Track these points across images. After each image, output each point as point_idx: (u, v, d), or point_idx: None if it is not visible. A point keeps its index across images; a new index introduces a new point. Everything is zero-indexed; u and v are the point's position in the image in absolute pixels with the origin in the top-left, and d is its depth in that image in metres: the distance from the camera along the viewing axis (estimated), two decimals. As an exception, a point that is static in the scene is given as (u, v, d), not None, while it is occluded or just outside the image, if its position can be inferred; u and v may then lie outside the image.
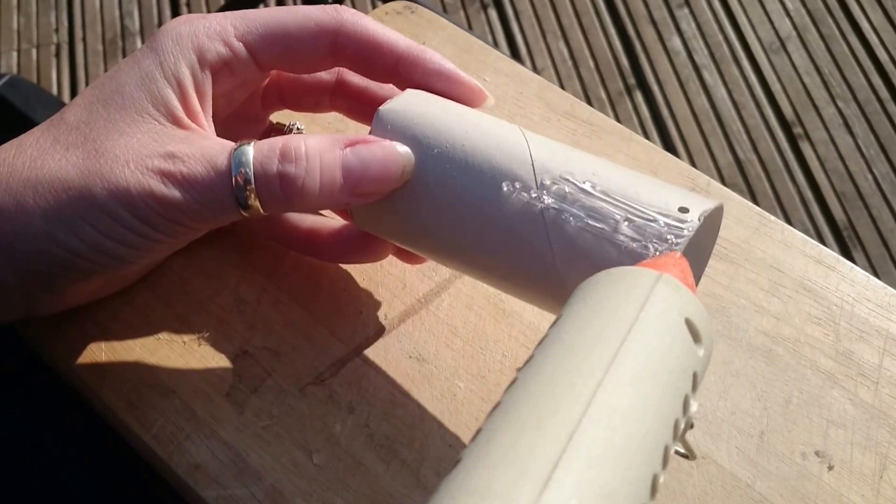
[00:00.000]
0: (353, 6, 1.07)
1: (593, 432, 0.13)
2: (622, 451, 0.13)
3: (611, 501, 0.12)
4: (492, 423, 0.13)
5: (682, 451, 0.19)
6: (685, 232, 0.19)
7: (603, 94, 0.99)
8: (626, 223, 0.19)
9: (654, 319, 0.15)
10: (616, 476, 0.13)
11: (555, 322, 0.16)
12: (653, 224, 0.19)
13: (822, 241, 0.89)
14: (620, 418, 0.13)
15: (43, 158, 0.21)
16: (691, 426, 0.17)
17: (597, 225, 0.19)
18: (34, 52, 1.06)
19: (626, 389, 0.14)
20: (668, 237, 0.19)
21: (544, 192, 0.20)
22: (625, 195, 0.20)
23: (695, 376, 0.16)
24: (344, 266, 0.27)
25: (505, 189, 0.20)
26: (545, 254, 0.20)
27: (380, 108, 0.22)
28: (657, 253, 0.19)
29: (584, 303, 0.16)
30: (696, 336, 0.16)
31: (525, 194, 0.20)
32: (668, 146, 0.95)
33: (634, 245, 0.19)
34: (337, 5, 0.23)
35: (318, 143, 0.21)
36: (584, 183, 0.20)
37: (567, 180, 0.20)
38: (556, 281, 0.20)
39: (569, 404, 0.13)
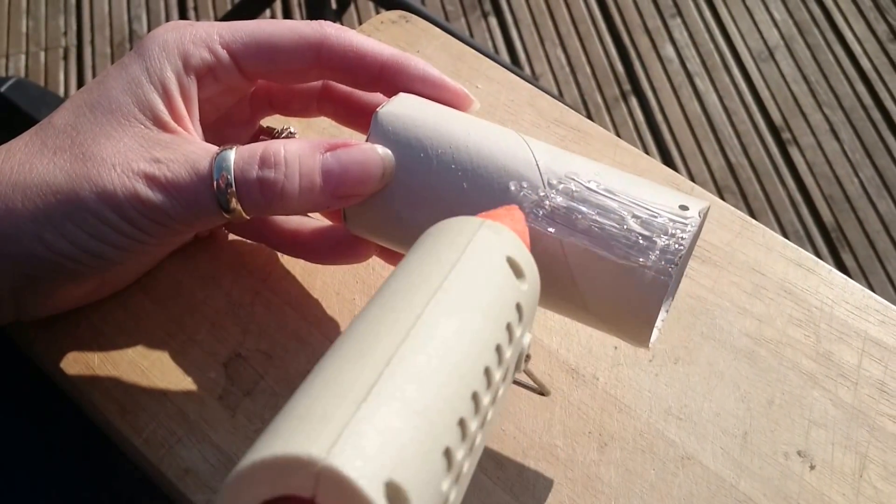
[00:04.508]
0: (357, 12, 1.08)
1: (410, 358, 0.14)
2: (438, 371, 0.14)
3: (427, 414, 0.13)
4: (321, 362, 0.14)
5: (532, 385, 0.19)
6: (689, 227, 0.20)
7: (599, 100, 1.00)
8: (633, 219, 0.20)
9: (474, 259, 0.17)
10: (432, 392, 0.14)
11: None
12: (658, 220, 0.20)
13: (811, 242, 0.90)
14: (437, 344, 0.14)
15: (31, 162, 0.21)
16: (528, 358, 0.18)
17: (605, 221, 0.20)
18: (42, 54, 1.06)
19: (444, 319, 0.15)
20: (674, 232, 0.20)
21: (552, 190, 0.20)
22: (627, 194, 0.20)
23: (519, 307, 0.17)
24: (337, 269, 0.28)
25: (513, 188, 0.21)
26: (556, 251, 0.20)
27: (377, 110, 0.22)
28: (666, 245, 0.20)
29: (415, 251, 0.17)
30: (517, 272, 0.17)
31: (533, 193, 0.21)
32: (663, 150, 0.96)
33: (643, 241, 0.20)
34: (322, 20, 0.23)
35: (297, 147, 0.21)
36: (589, 182, 0.21)
37: (573, 179, 0.21)
38: (567, 278, 0.21)
39: (388, 337, 0.14)
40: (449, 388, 0.14)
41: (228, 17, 1.03)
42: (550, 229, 0.20)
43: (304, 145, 0.21)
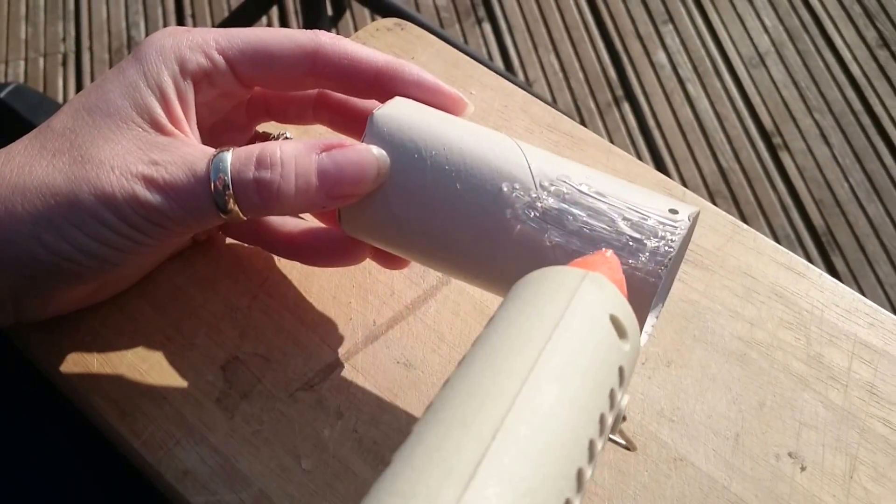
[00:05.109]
0: (353, 19, 1.08)
1: (516, 430, 0.13)
2: (545, 447, 0.13)
3: (534, 497, 0.12)
4: (421, 425, 0.14)
5: (621, 442, 0.19)
6: (678, 230, 0.20)
7: (592, 105, 1.01)
8: (623, 221, 0.20)
9: (578, 317, 0.15)
10: (539, 472, 0.13)
11: (489, 322, 0.16)
12: (647, 222, 0.20)
13: (802, 246, 0.91)
14: (543, 416, 0.14)
15: (31, 165, 0.21)
16: (624, 419, 0.17)
17: (596, 223, 0.20)
18: (41, 60, 1.07)
19: (549, 387, 0.14)
20: (664, 234, 0.20)
21: (544, 192, 0.21)
22: (618, 197, 0.21)
23: (621, 370, 0.16)
24: (333, 273, 0.28)
25: (505, 190, 0.21)
26: (546, 253, 0.21)
27: (374, 112, 0.22)
28: (656, 248, 0.20)
29: (513, 303, 0.16)
30: (621, 332, 0.16)
31: (525, 195, 0.21)
32: (655, 155, 0.97)
33: (633, 243, 0.20)
34: (316, 30, 0.24)
35: (293, 148, 0.21)
36: (580, 185, 0.21)
37: (564, 182, 0.21)
38: None
39: (493, 403, 0.13)
40: (555, 466, 0.13)
41: (225, 24, 1.04)
42: (541, 231, 0.21)
43: (299, 146, 0.22)
